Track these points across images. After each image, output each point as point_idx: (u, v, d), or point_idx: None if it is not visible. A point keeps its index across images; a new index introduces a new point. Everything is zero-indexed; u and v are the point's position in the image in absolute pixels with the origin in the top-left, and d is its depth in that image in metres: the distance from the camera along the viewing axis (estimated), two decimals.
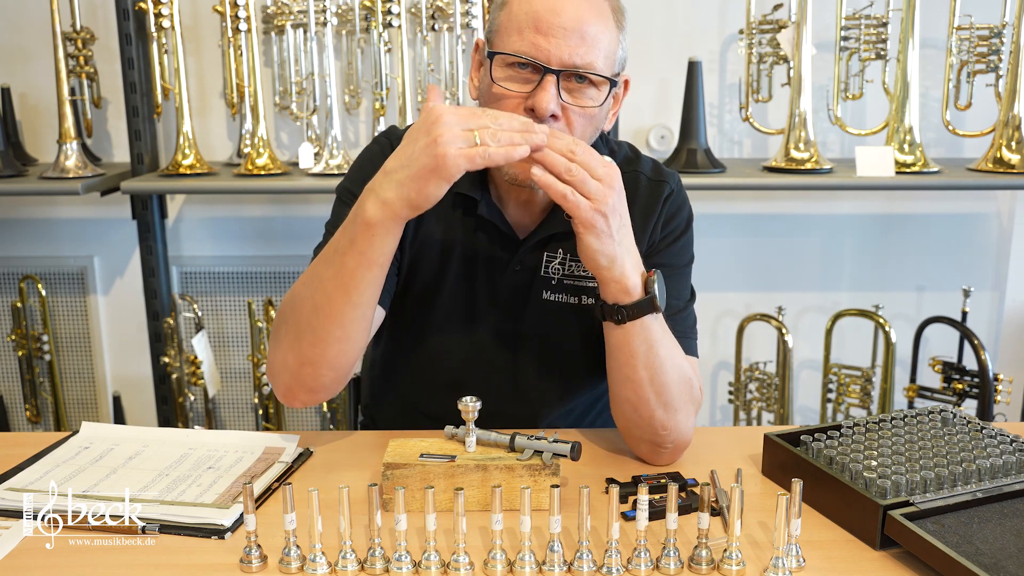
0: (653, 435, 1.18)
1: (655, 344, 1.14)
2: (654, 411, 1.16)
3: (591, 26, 1.13)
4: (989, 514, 1.00)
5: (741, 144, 2.63)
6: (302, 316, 1.15)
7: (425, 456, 1.09)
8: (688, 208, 1.34)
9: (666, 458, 1.21)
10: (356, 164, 1.33)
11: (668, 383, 1.15)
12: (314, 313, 1.13)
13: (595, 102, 1.16)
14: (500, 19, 1.17)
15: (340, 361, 1.16)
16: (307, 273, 1.16)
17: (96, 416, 2.82)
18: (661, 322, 1.15)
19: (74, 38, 2.46)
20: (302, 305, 1.15)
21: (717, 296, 2.71)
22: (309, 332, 1.14)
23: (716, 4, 2.54)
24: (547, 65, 1.12)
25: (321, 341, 1.14)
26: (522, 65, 1.14)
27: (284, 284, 2.71)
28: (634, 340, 1.13)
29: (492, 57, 1.16)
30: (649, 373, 1.14)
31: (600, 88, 1.16)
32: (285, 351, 1.18)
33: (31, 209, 2.69)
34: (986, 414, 2.37)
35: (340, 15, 2.42)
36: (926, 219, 2.70)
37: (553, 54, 1.12)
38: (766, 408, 2.58)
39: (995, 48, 2.32)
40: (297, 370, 1.17)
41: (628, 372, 1.15)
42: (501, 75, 1.16)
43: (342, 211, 1.27)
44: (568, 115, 1.15)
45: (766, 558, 0.96)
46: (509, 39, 1.14)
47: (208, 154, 2.56)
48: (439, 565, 0.95)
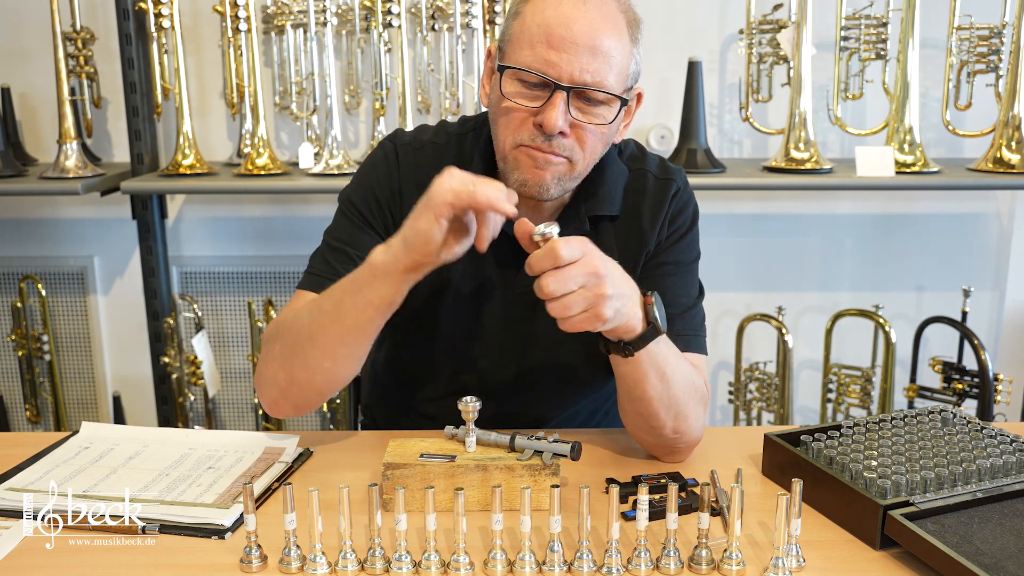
0: (666, 440, 1.20)
1: (663, 364, 1.14)
2: (666, 422, 1.17)
3: (604, 40, 1.11)
4: (989, 514, 1.00)
5: (741, 144, 2.63)
6: (297, 341, 1.17)
7: (425, 456, 1.09)
8: (694, 204, 1.34)
9: (679, 456, 1.23)
10: (359, 172, 1.33)
11: (677, 395, 1.16)
12: (308, 341, 1.15)
13: (605, 120, 1.15)
14: (513, 29, 1.15)
15: (327, 388, 1.20)
16: (312, 300, 1.19)
17: (96, 416, 2.82)
18: (666, 340, 1.15)
19: (74, 38, 2.46)
20: (298, 329, 1.17)
21: (717, 296, 2.71)
22: (300, 358, 1.17)
23: (716, 4, 2.54)
24: (558, 81, 1.10)
25: (310, 368, 1.17)
26: (533, 81, 1.13)
27: (284, 284, 2.71)
28: (642, 366, 1.13)
29: (503, 71, 1.15)
30: (658, 392, 1.15)
31: (611, 105, 1.14)
32: (276, 368, 1.20)
33: (31, 209, 2.69)
34: (986, 414, 2.37)
35: (340, 15, 2.42)
36: (926, 219, 2.70)
37: (564, 70, 1.10)
38: (766, 408, 2.58)
39: (995, 48, 2.32)
40: (285, 387, 1.20)
41: (638, 394, 1.16)
42: (511, 89, 1.14)
43: (343, 221, 1.28)
44: (578, 131, 1.14)
45: (766, 558, 0.96)
46: (520, 52, 1.13)
47: (208, 154, 2.56)
48: (439, 565, 0.95)
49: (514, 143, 1.15)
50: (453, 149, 1.30)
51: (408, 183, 1.26)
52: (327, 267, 1.24)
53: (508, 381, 1.33)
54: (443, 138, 1.31)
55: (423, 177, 1.27)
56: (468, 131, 1.31)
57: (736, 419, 2.64)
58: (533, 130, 1.13)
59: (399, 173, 1.28)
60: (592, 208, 1.26)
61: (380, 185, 1.28)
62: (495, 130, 1.19)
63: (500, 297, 1.30)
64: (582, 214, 1.26)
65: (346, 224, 1.28)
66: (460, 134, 1.32)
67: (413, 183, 1.25)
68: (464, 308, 1.30)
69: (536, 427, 1.33)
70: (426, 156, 1.28)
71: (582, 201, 1.27)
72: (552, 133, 1.12)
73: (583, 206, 1.26)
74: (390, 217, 1.27)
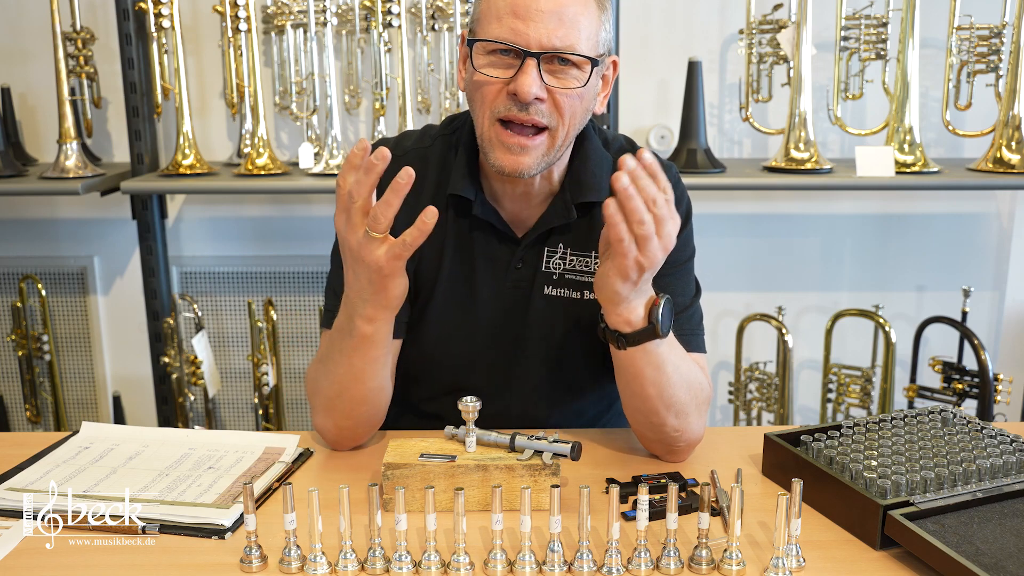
0: (666, 438, 1.20)
1: (662, 365, 1.14)
2: (665, 420, 1.17)
3: (570, 7, 1.12)
4: (989, 514, 1.00)
5: (741, 144, 2.63)
6: (329, 396, 1.22)
7: (425, 456, 1.09)
8: (687, 201, 1.33)
9: (680, 455, 1.23)
10: None
11: (677, 394, 1.16)
12: (338, 397, 1.21)
13: (579, 83, 1.15)
14: (480, 9, 1.17)
15: (374, 420, 1.27)
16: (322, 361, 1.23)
17: (96, 416, 2.82)
18: (669, 341, 1.15)
19: (74, 38, 2.46)
20: (325, 389, 1.22)
21: (717, 296, 2.71)
22: (339, 410, 1.23)
23: (716, 4, 2.54)
24: (527, 49, 1.12)
25: (350, 416, 1.24)
26: (503, 51, 1.14)
27: (284, 284, 2.71)
28: (638, 363, 1.13)
29: (472, 45, 1.16)
30: (657, 390, 1.15)
31: (583, 68, 1.15)
32: (323, 419, 1.25)
33: (31, 209, 2.69)
34: (986, 414, 2.37)
35: (340, 15, 2.42)
36: (926, 219, 2.70)
37: (532, 37, 1.11)
38: (766, 408, 2.58)
39: (995, 48, 2.32)
40: (338, 433, 1.26)
41: (636, 389, 1.16)
42: (483, 62, 1.16)
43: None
44: (554, 97, 1.15)
45: (766, 558, 0.96)
46: (489, 26, 1.14)
47: (208, 154, 2.56)
48: (439, 565, 0.95)
49: (491, 117, 1.16)
50: (438, 150, 1.31)
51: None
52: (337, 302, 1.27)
53: (506, 378, 1.33)
54: (427, 141, 1.32)
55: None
56: (454, 130, 1.32)
57: (736, 419, 2.64)
58: (508, 100, 1.14)
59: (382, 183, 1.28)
60: (577, 195, 1.26)
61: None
62: (473, 109, 1.20)
63: (491, 290, 1.30)
64: (568, 201, 1.26)
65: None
66: (445, 135, 1.32)
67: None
68: (456, 305, 1.31)
69: (540, 425, 1.34)
70: (409, 161, 1.29)
71: (568, 189, 1.27)
72: (527, 100, 1.13)
73: (568, 193, 1.27)
74: None
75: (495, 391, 1.30)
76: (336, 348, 1.19)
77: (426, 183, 1.28)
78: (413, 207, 1.29)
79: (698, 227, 1.38)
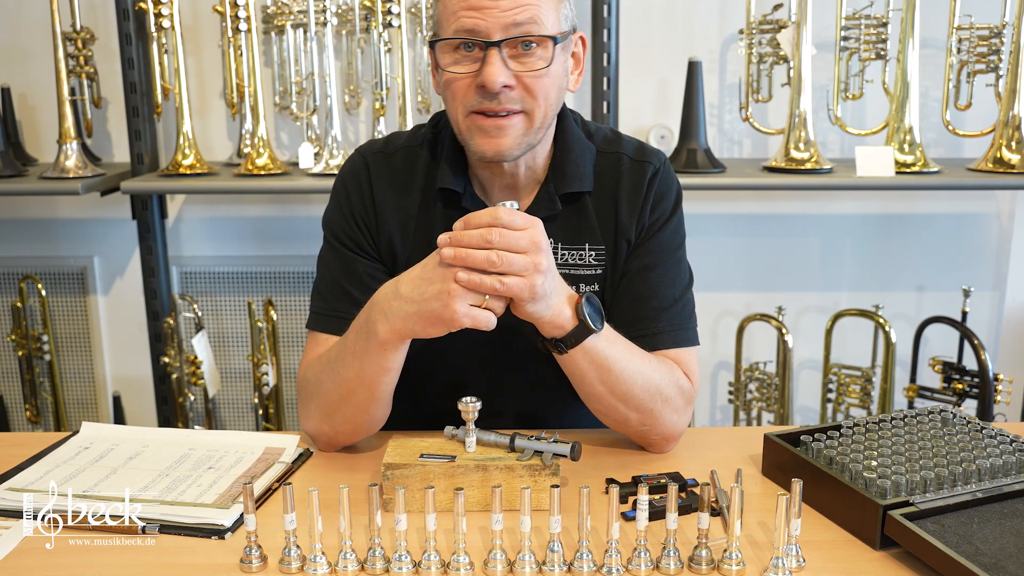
0: (635, 431, 1.22)
1: (605, 361, 1.15)
2: (627, 415, 1.19)
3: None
4: (989, 514, 1.00)
5: (741, 144, 2.63)
6: (330, 402, 1.22)
7: (425, 456, 1.09)
8: (676, 187, 1.32)
9: (658, 448, 1.25)
10: (333, 192, 1.35)
11: (631, 391, 1.17)
12: (340, 403, 1.21)
13: (545, 62, 1.15)
14: (438, 11, 1.18)
15: (372, 427, 1.26)
16: (329, 362, 1.22)
17: (96, 416, 2.82)
18: (607, 337, 1.15)
19: (74, 38, 2.46)
20: (327, 392, 1.21)
21: (717, 296, 2.71)
22: (339, 416, 1.22)
23: (716, 4, 2.54)
24: (487, 39, 1.12)
25: (350, 422, 1.23)
26: (466, 46, 1.14)
27: (284, 284, 2.71)
28: (581, 364, 1.15)
29: (434, 46, 1.17)
30: (607, 387, 1.16)
31: (546, 47, 1.15)
32: (318, 423, 1.24)
33: (31, 209, 2.69)
34: (986, 414, 2.37)
35: (340, 15, 2.42)
36: (926, 219, 2.70)
37: (490, 24, 1.12)
38: (766, 408, 2.58)
39: (995, 48, 2.32)
40: (332, 436, 1.26)
41: (587, 389, 1.18)
42: (448, 60, 1.16)
43: (330, 253, 1.32)
44: (523, 81, 1.15)
45: (766, 558, 0.96)
46: (448, 25, 1.15)
47: (208, 154, 2.56)
48: (439, 565, 0.95)
49: (465, 111, 1.17)
50: (427, 147, 1.31)
51: (382, 190, 1.29)
52: (326, 305, 1.29)
53: (502, 375, 1.33)
54: (417, 140, 1.32)
55: (397, 181, 1.29)
56: (441, 127, 1.32)
57: (736, 419, 2.64)
58: (478, 94, 1.14)
59: (371, 183, 1.29)
60: (561, 186, 1.26)
61: (353, 202, 1.30)
62: (448, 108, 1.21)
63: None
64: (552, 193, 1.26)
65: (332, 256, 1.31)
66: (433, 132, 1.33)
67: (388, 189, 1.28)
68: None
69: (541, 424, 1.34)
70: (399, 160, 1.31)
71: (551, 180, 1.27)
72: (495, 89, 1.13)
73: (552, 184, 1.27)
74: (367, 231, 1.29)
75: (493, 389, 1.29)
76: (348, 350, 1.18)
77: (416, 180, 1.29)
78: (404, 203, 1.29)
79: (698, 227, 1.38)
